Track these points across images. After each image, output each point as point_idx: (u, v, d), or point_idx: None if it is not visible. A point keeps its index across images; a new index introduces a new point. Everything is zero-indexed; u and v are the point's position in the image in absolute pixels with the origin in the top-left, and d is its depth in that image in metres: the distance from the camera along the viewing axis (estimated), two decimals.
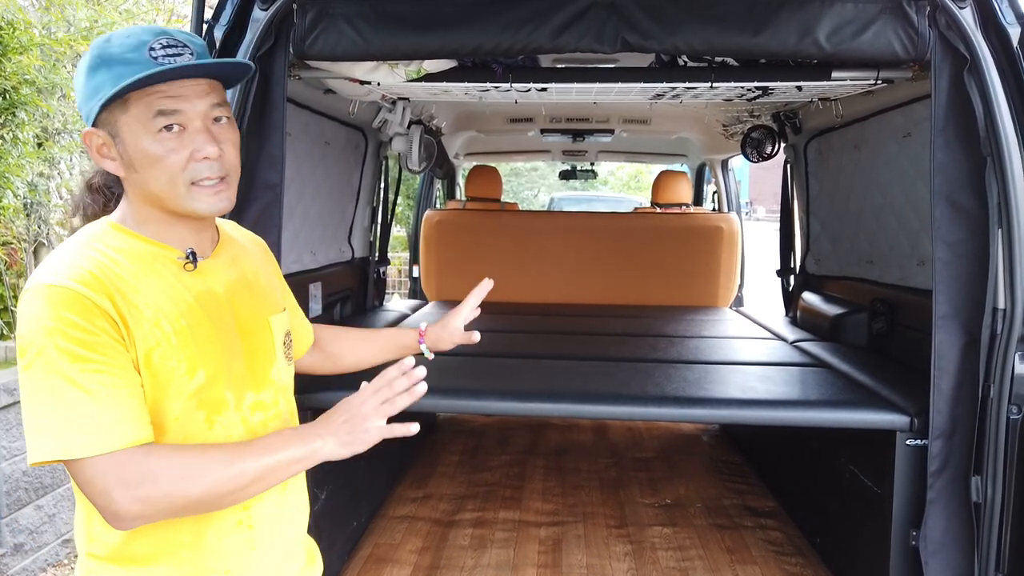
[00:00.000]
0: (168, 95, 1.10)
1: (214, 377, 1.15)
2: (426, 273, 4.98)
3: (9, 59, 5.02)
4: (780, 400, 2.47)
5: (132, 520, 1.04)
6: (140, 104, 1.09)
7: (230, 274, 1.24)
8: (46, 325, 1.02)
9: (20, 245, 6.33)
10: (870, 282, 3.25)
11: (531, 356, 3.08)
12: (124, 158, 1.13)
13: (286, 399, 1.31)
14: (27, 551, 3.05)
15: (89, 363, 1.02)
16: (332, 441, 1.13)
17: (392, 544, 3.11)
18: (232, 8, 1.99)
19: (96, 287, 1.05)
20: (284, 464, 1.11)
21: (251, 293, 1.27)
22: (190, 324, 1.13)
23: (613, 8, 1.98)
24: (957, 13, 1.89)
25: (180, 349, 1.11)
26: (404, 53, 2.14)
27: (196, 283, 1.17)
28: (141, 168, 1.12)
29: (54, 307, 1.02)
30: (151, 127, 1.10)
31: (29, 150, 5.28)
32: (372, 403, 1.15)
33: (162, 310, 1.10)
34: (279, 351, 1.30)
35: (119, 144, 1.12)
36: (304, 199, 3.14)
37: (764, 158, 4.14)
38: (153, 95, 1.09)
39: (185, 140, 1.12)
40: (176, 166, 1.11)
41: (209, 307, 1.17)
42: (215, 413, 1.15)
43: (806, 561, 2.96)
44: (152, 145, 1.10)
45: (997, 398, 1.90)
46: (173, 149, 1.11)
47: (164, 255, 1.16)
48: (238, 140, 1.20)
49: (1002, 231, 1.89)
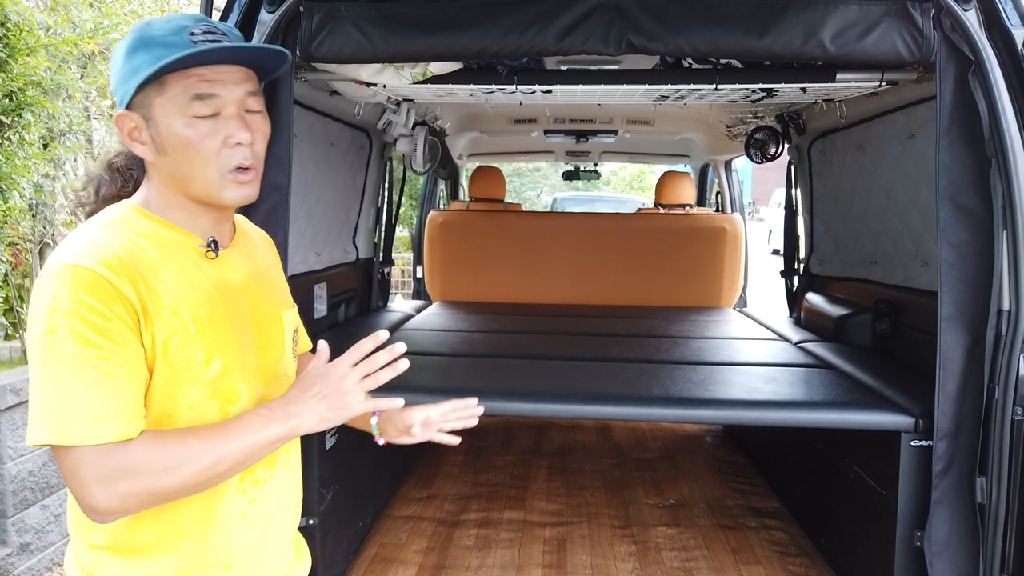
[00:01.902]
0: (206, 79, 1.10)
1: (229, 368, 1.15)
2: (430, 274, 4.99)
3: (16, 61, 5.04)
4: (784, 401, 2.47)
5: (108, 515, 1.04)
6: (177, 87, 1.10)
7: (246, 267, 1.25)
8: (63, 306, 1.01)
9: (25, 246, 6.35)
10: (874, 283, 3.25)
11: (535, 357, 3.08)
12: (156, 141, 1.13)
13: None
14: (33, 551, 3.07)
15: (97, 349, 1.01)
16: (310, 417, 1.11)
17: (397, 544, 3.12)
18: (239, 10, 2.00)
19: (120, 271, 1.05)
20: (264, 445, 1.10)
21: (265, 287, 1.28)
22: (209, 313, 1.13)
23: (618, 10, 1.99)
24: (961, 15, 1.89)
25: (198, 338, 1.11)
26: (410, 55, 2.15)
27: (216, 272, 1.17)
28: (173, 152, 1.12)
29: (75, 288, 1.02)
30: (187, 110, 1.10)
31: (35, 151, 5.29)
32: (353, 377, 1.12)
33: (182, 298, 1.10)
34: (287, 346, 1.30)
35: (152, 127, 1.12)
36: (309, 200, 3.15)
37: (768, 159, 4.14)
38: (191, 78, 1.10)
39: (219, 126, 1.12)
40: (210, 151, 1.12)
41: (227, 297, 1.17)
42: (229, 404, 1.15)
43: (810, 562, 2.97)
44: (186, 129, 1.11)
45: (1002, 399, 1.90)
46: (207, 134, 1.11)
47: (186, 242, 1.16)
48: (269, 135, 1.20)
49: (1007, 232, 1.90)
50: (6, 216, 5.14)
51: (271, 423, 1.10)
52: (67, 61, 5.90)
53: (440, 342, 3.50)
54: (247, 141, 1.14)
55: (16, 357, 6.64)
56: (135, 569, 1.13)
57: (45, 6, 6.00)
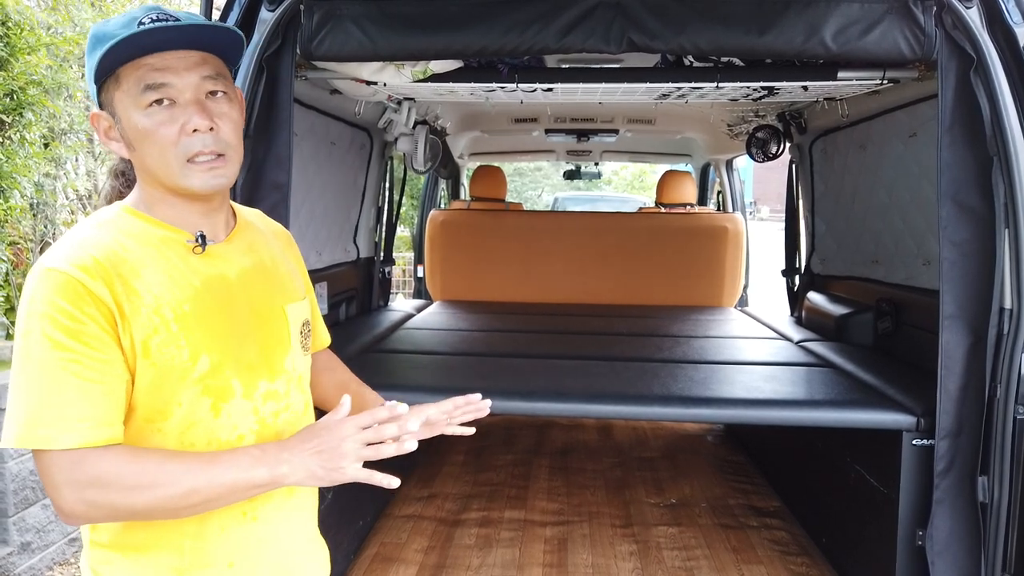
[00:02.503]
0: (155, 68, 1.09)
1: (220, 364, 1.13)
2: (430, 273, 4.99)
3: (17, 59, 5.04)
4: (785, 400, 2.47)
5: (76, 519, 1.04)
6: (130, 79, 1.09)
7: (245, 260, 1.23)
8: (37, 309, 1.02)
9: (26, 245, 6.35)
10: (875, 282, 3.25)
11: (536, 356, 3.08)
12: (125, 138, 1.13)
13: (300, 390, 1.29)
14: (34, 550, 3.07)
15: (68, 352, 1.01)
16: (300, 470, 1.06)
17: (398, 543, 3.12)
18: (239, 9, 2.00)
19: (95, 273, 1.04)
20: (243, 488, 1.06)
21: (267, 280, 1.25)
22: (194, 309, 1.12)
23: (619, 8, 1.98)
24: (963, 13, 1.89)
25: (181, 335, 1.10)
26: (410, 53, 2.15)
27: (205, 267, 1.16)
28: (138, 145, 1.12)
29: (47, 291, 1.03)
30: (141, 101, 1.09)
31: (36, 150, 5.29)
32: (354, 442, 1.06)
33: (163, 296, 1.09)
34: (295, 340, 1.27)
35: (118, 123, 1.12)
36: (310, 199, 3.15)
37: (769, 158, 4.14)
38: (141, 68, 1.09)
39: (175, 113, 1.10)
40: (167, 139, 1.10)
41: (218, 292, 1.16)
42: (221, 401, 1.14)
43: (812, 561, 2.96)
44: (142, 120, 1.09)
45: (1004, 398, 1.90)
46: (162, 122, 1.10)
47: (173, 238, 1.15)
48: (238, 117, 1.17)
49: (1008, 231, 1.90)
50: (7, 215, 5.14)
51: (260, 466, 1.06)
52: (68, 60, 5.90)
53: (441, 341, 3.50)
54: (204, 127, 1.11)
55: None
56: (135, 567, 1.13)
57: (46, 5, 6.00)
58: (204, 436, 1.13)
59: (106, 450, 1.03)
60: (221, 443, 1.14)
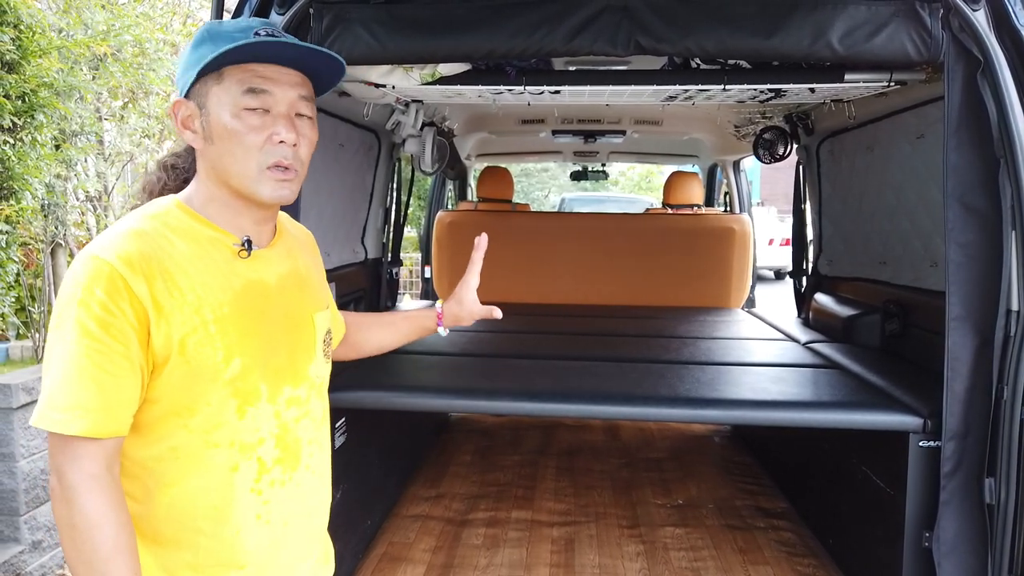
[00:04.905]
0: (261, 75, 1.15)
1: (249, 367, 1.16)
2: (438, 274, 5.00)
3: (29, 62, 5.08)
4: (792, 401, 2.47)
5: (70, 490, 1.06)
6: (233, 79, 1.14)
7: (284, 267, 1.26)
8: (76, 295, 1.06)
9: (37, 246, 6.40)
10: (883, 283, 3.24)
11: (543, 357, 3.09)
12: (205, 130, 1.16)
13: (320, 397, 1.31)
14: (45, 548, 3.09)
15: (96, 342, 1.04)
16: None
17: (406, 543, 3.14)
18: (250, 11, 2.02)
19: (137, 268, 1.07)
20: None
21: (301, 288, 1.29)
22: (233, 312, 1.14)
23: (626, 11, 1.99)
24: (970, 15, 1.89)
25: (218, 337, 1.12)
26: (419, 56, 2.16)
27: (248, 271, 1.19)
28: (219, 141, 1.15)
29: (88, 279, 1.06)
30: (239, 102, 1.14)
31: (47, 152, 5.33)
32: None
33: (205, 296, 1.12)
34: (319, 348, 1.30)
35: (204, 115, 1.16)
36: (319, 201, 3.17)
37: (776, 159, 4.13)
38: (248, 72, 1.14)
39: (267, 122, 1.15)
40: (253, 144, 1.15)
41: (256, 297, 1.19)
42: (247, 404, 1.16)
43: (818, 562, 2.96)
44: (234, 120, 1.14)
45: (1011, 400, 1.90)
46: (253, 128, 1.14)
47: (220, 240, 1.18)
48: (315, 142, 1.23)
49: (1015, 233, 1.89)
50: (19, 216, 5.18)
51: None
52: (79, 63, 5.94)
53: (448, 342, 3.51)
54: (291, 141, 1.16)
55: (28, 356, 6.69)
56: (154, 559, 1.15)
57: (58, 8, 6.04)
58: (228, 437, 1.15)
59: (99, 485, 1.05)
60: (243, 445, 1.16)
